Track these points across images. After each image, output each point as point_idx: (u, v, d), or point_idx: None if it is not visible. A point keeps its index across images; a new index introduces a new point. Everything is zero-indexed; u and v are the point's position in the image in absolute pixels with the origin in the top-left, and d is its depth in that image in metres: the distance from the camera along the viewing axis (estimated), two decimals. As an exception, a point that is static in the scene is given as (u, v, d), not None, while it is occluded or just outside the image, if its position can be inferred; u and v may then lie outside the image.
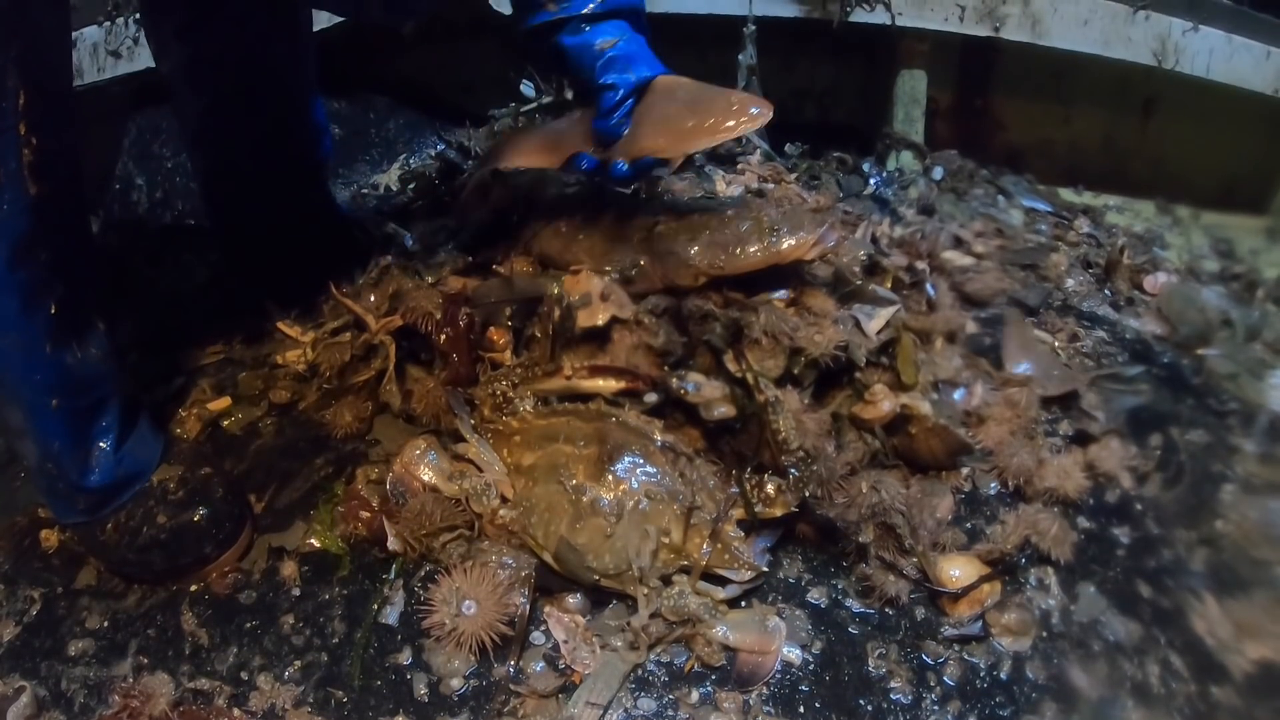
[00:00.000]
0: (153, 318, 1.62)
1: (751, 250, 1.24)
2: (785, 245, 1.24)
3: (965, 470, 1.27)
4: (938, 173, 2.12)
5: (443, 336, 1.30)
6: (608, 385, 1.24)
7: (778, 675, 1.08)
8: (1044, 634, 1.14)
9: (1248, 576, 1.22)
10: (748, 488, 1.16)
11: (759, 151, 2.08)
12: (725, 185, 1.89)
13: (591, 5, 1.20)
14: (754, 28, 2.08)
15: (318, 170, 1.63)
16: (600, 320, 1.22)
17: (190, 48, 1.40)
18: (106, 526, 1.16)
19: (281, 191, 1.57)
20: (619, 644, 1.09)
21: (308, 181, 1.62)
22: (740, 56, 2.10)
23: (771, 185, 1.92)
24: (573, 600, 1.14)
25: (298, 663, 1.10)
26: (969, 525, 1.23)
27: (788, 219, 1.26)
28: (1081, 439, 1.35)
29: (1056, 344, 1.55)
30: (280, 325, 1.55)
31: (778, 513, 1.15)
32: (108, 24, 1.88)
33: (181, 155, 2.05)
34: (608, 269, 1.28)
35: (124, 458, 1.16)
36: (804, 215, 1.29)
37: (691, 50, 2.38)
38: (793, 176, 2.00)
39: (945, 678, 1.09)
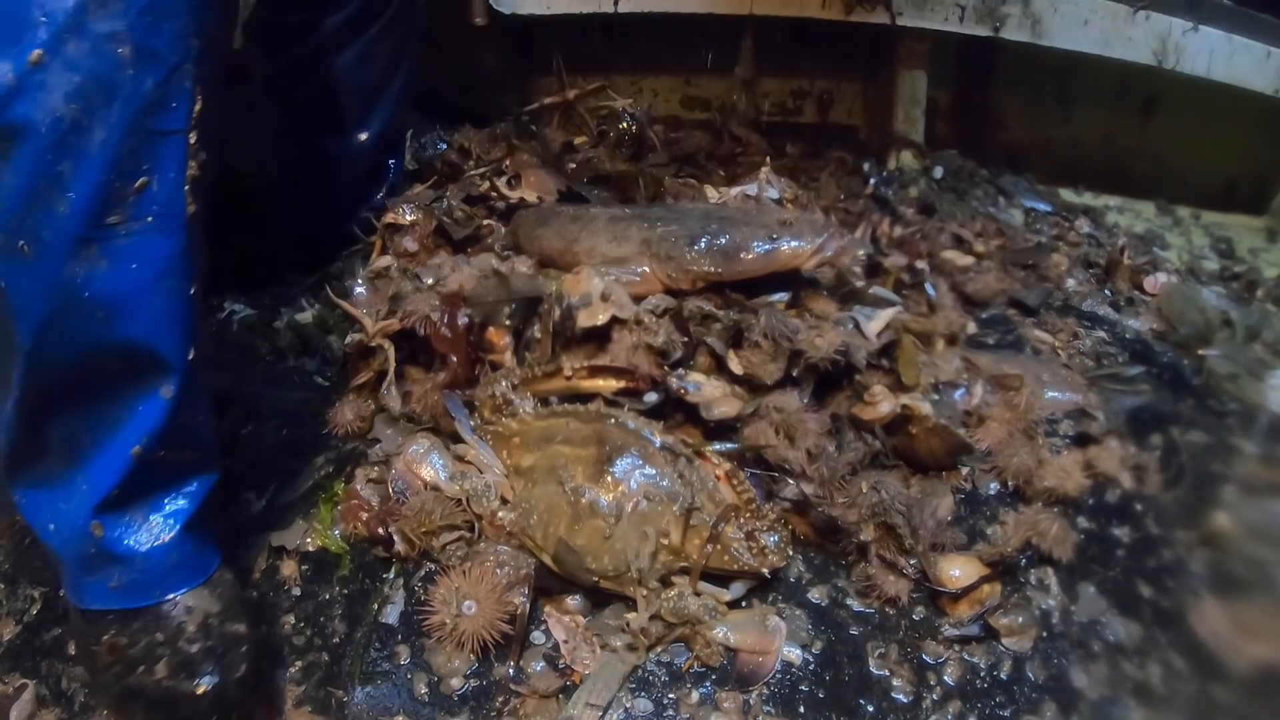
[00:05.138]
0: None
1: (750, 257, 1.24)
2: (784, 253, 1.24)
3: (965, 470, 1.27)
4: (938, 172, 2.12)
5: (441, 338, 1.30)
6: (607, 385, 1.24)
7: (778, 675, 1.08)
8: (1044, 634, 1.14)
9: (1248, 577, 1.22)
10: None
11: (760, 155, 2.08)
12: (727, 190, 1.89)
13: None
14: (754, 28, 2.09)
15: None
16: (600, 320, 1.22)
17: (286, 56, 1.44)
18: (103, 639, 0.97)
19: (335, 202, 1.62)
20: (619, 644, 1.09)
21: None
22: (740, 56, 2.10)
23: (773, 190, 1.92)
24: (572, 600, 1.14)
25: (298, 662, 1.10)
26: (969, 525, 1.23)
27: (788, 226, 1.26)
28: (1081, 439, 1.35)
29: (1056, 344, 1.55)
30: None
31: (765, 571, 1.11)
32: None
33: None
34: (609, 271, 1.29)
35: (185, 542, 0.97)
36: (804, 223, 1.29)
37: (691, 49, 2.39)
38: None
39: (945, 678, 1.09)
